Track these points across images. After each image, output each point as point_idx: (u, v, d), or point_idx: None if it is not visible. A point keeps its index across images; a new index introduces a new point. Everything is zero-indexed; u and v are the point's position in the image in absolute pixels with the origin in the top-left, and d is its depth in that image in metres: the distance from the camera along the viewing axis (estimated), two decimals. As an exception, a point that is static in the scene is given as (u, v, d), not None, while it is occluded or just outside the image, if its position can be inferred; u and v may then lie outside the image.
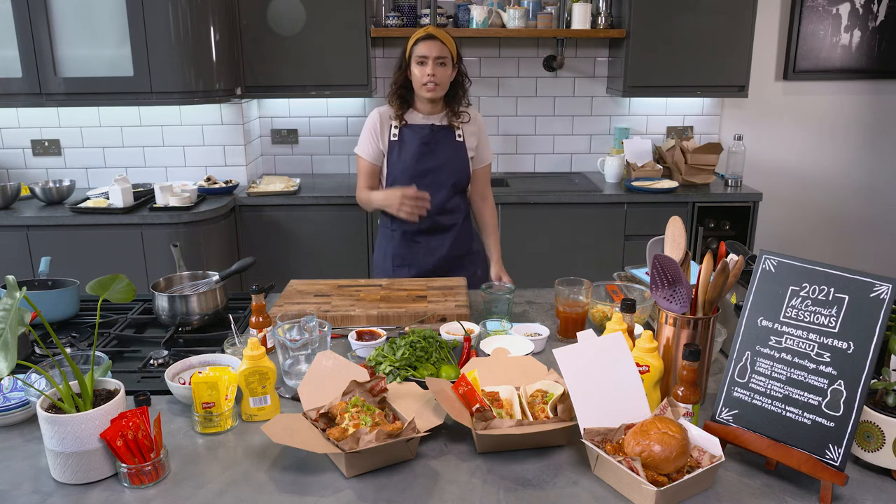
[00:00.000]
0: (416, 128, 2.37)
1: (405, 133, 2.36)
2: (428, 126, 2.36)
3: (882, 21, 3.93)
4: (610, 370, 1.25)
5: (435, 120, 2.38)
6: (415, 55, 2.27)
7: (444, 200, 2.39)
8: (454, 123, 2.38)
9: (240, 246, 3.46)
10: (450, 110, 2.38)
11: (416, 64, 2.27)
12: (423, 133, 2.36)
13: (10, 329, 1.09)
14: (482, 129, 2.46)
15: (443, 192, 2.38)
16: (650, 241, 1.70)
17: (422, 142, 2.35)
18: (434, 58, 2.24)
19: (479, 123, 2.45)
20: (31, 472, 1.20)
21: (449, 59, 2.28)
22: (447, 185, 2.38)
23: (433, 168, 2.36)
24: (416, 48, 2.27)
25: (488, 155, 2.51)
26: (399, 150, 2.36)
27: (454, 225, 2.44)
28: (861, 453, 1.17)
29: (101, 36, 3.13)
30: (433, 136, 2.36)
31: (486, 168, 2.51)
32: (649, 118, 4.00)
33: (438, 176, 2.37)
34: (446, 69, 2.28)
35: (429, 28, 2.30)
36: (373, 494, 1.13)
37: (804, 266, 1.19)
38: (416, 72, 2.28)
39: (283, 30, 3.42)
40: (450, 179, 2.38)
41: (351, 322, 1.78)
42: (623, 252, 3.52)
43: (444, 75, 2.28)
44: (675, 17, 3.50)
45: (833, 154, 4.15)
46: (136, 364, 1.59)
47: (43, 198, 3.25)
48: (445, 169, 2.37)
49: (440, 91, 2.30)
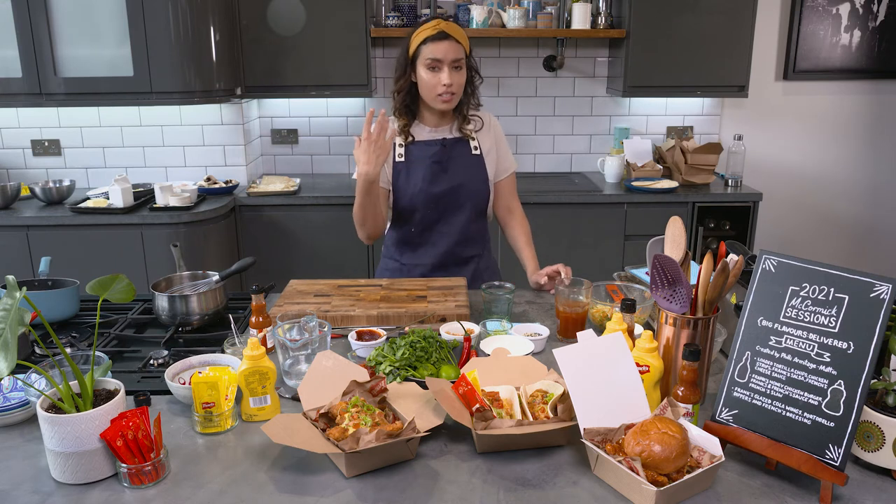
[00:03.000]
0: (424, 145, 2.03)
1: (412, 152, 2.03)
2: (438, 141, 2.04)
3: (882, 21, 3.93)
4: (610, 370, 1.25)
5: (445, 133, 2.06)
6: (424, 57, 1.92)
7: (464, 227, 2.07)
8: (467, 133, 2.06)
9: (240, 246, 3.46)
10: (460, 117, 2.06)
11: (427, 68, 1.92)
12: (434, 150, 2.03)
13: (10, 329, 1.09)
14: (499, 134, 2.14)
15: (461, 216, 2.06)
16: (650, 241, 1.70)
17: (433, 161, 2.02)
18: (450, 62, 1.90)
19: (495, 127, 2.14)
20: (31, 472, 1.20)
21: (464, 61, 1.95)
22: (466, 208, 2.06)
23: (447, 191, 2.03)
24: (424, 49, 1.91)
25: (510, 163, 2.15)
26: (407, 173, 2.03)
27: (474, 257, 2.13)
28: (861, 453, 1.17)
29: (101, 36, 3.13)
30: (445, 153, 2.03)
31: (509, 179, 2.15)
32: (649, 118, 4.00)
33: (455, 199, 2.04)
34: (462, 73, 1.95)
35: (439, 23, 1.91)
36: (373, 494, 1.13)
37: (804, 266, 1.19)
38: (425, 77, 1.93)
39: (283, 30, 3.42)
40: (468, 201, 2.06)
41: (351, 322, 1.78)
42: (623, 252, 3.52)
43: (460, 82, 1.95)
44: (675, 17, 3.50)
45: (833, 154, 4.15)
46: (136, 364, 1.59)
47: (43, 198, 3.25)
48: (463, 190, 2.04)
49: (456, 101, 1.98)
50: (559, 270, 1.93)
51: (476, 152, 2.07)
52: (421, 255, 2.11)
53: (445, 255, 2.10)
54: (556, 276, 1.93)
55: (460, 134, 2.07)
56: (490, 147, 2.11)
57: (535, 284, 2.07)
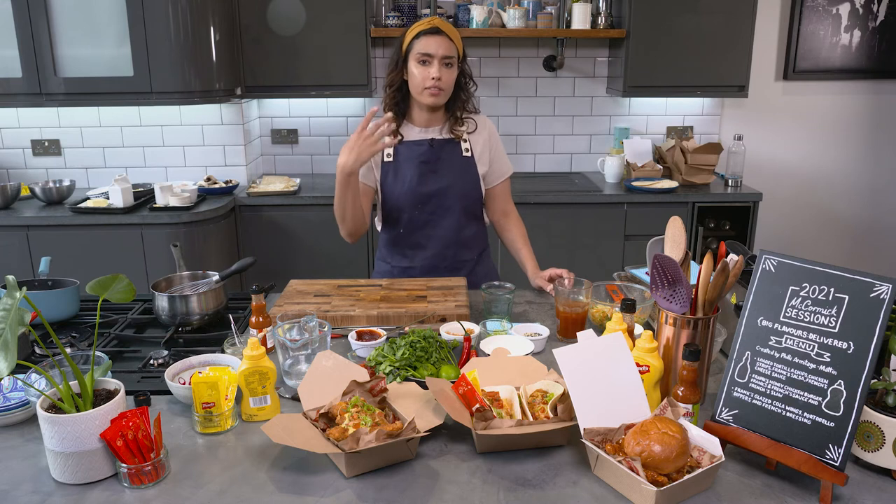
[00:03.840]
0: (413, 144, 2.03)
1: (401, 152, 2.03)
2: (426, 141, 2.03)
3: (882, 21, 3.93)
4: (610, 370, 1.25)
5: (434, 133, 2.05)
6: (415, 52, 1.93)
7: (454, 230, 2.06)
8: (458, 134, 2.05)
9: (240, 246, 3.46)
10: (451, 118, 2.05)
11: (417, 63, 1.94)
12: (422, 150, 2.02)
13: (10, 329, 1.09)
14: (494, 138, 2.11)
15: (450, 219, 2.05)
16: (650, 241, 1.70)
17: (420, 160, 2.02)
18: (441, 57, 1.92)
19: (490, 131, 2.11)
20: (31, 472, 1.20)
21: (455, 60, 1.96)
22: (455, 210, 2.05)
23: (436, 192, 2.02)
24: (416, 43, 1.93)
25: (506, 167, 2.13)
26: (394, 172, 2.03)
27: (467, 262, 2.11)
28: (861, 453, 1.17)
29: (101, 36, 3.13)
30: (434, 153, 2.03)
31: (503, 184, 2.14)
32: (649, 118, 4.00)
33: (444, 200, 2.03)
34: (452, 71, 1.97)
35: (434, 20, 1.95)
36: (373, 494, 1.13)
37: (804, 266, 1.19)
38: (415, 71, 1.95)
39: (283, 30, 3.42)
40: (458, 204, 2.05)
41: (351, 322, 1.78)
42: (623, 252, 3.52)
43: (450, 78, 1.96)
44: (675, 17, 3.50)
45: (833, 154, 4.15)
46: (136, 364, 1.59)
47: (43, 198, 3.25)
48: (452, 191, 2.03)
49: (443, 97, 1.98)
50: (562, 274, 1.93)
51: (467, 154, 2.06)
52: (411, 257, 2.10)
53: (435, 258, 2.09)
54: (558, 278, 1.93)
55: (451, 135, 2.06)
56: (482, 150, 2.09)
57: (537, 286, 2.07)
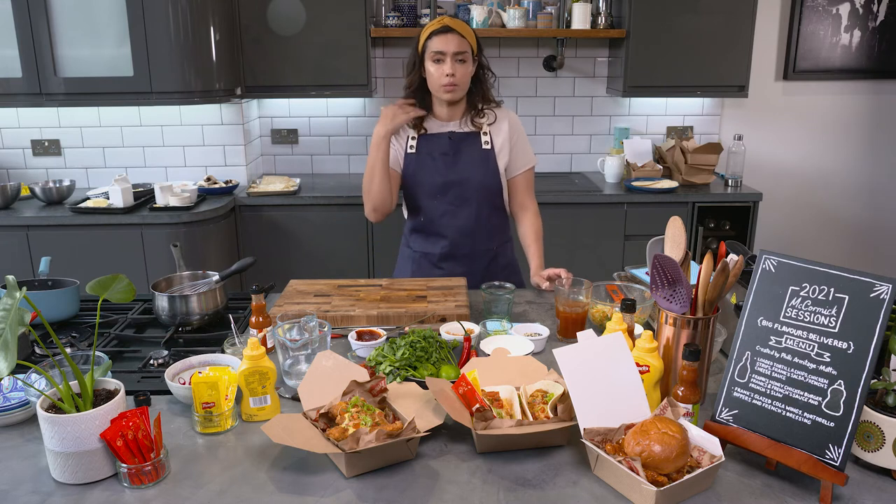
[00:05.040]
0: (434, 138, 2.10)
1: (422, 145, 2.10)
2: (446, 134, 2.10)
3: (882, 21, 3.93)
4: (610, 370, 1.25)
5: (454, 126, 2.11)
6: (430, 51, 2.00)
7: (473, 220, 2.11)
8: (478, 126, 2.10)
9: (240, 246, 3.46)
10: (472, 111, 2.11)
11: (432, 62, 2.00)
12: (442, 142, 2.09)
13: (10, 329, 1.09)
14: (516, 129, 2.15)
15: (469, 209, 2.11)
16: (650, 241, 1.70)
17: (440, 152, 2.08)
18: (453, 54, 1.98)
19: (512, 122, 2.15)
20: (31, 472, 1.20)
21: (469, 55, 2.02)
22: (473, 201, 2.10)
23: (455, 182, 2.09)
24: (430, 43, 2.00)
25: (525, 160, 2.17)
26: (416, 164, 2.10)
27: (487, 251, 2.16)
28: (861, 453, 1.17)
29: (101, 36, 3.13)
30: (453, 146, 2.08)
31: (525, 175, 2.18)
32: (649, 118, 4.00)
33: (463, 191, 2.09)
34: (466, 66, 2.02)
35: (444, 19, 2.02)
36: (373, 494, 1.13)
37: (804, 266, 1.19)
38: (431, 70, 2.01)
39: (283, 30, 3.42)
40: (477, 194, 2.10)
41: (351, 322, 1.78)
42: (623, 252, 3.52)
43: (464, 73, 2.02)
44: (675, 17, 3.50)
45: (833, 154, 4.15)
46: (136, 364, 1.59)
47: (43, 198, 3.25)
48: (470, 182, 2.09)
49: (460, 92, 2.04)
50: (560, 274, 1.93)
51: (486, 146, 2.11)
52: (432, 243, 2.17)
53: (453, 246, 2.15)
54: (557, 278, 1.93)
55: (471, 127, 2.12)
56: (503, 142, 2.13)
57: (535, 285, 2.08)
